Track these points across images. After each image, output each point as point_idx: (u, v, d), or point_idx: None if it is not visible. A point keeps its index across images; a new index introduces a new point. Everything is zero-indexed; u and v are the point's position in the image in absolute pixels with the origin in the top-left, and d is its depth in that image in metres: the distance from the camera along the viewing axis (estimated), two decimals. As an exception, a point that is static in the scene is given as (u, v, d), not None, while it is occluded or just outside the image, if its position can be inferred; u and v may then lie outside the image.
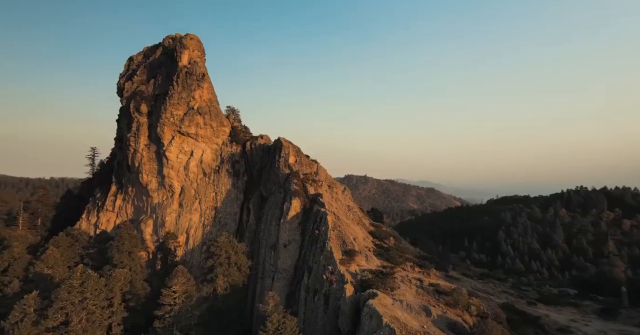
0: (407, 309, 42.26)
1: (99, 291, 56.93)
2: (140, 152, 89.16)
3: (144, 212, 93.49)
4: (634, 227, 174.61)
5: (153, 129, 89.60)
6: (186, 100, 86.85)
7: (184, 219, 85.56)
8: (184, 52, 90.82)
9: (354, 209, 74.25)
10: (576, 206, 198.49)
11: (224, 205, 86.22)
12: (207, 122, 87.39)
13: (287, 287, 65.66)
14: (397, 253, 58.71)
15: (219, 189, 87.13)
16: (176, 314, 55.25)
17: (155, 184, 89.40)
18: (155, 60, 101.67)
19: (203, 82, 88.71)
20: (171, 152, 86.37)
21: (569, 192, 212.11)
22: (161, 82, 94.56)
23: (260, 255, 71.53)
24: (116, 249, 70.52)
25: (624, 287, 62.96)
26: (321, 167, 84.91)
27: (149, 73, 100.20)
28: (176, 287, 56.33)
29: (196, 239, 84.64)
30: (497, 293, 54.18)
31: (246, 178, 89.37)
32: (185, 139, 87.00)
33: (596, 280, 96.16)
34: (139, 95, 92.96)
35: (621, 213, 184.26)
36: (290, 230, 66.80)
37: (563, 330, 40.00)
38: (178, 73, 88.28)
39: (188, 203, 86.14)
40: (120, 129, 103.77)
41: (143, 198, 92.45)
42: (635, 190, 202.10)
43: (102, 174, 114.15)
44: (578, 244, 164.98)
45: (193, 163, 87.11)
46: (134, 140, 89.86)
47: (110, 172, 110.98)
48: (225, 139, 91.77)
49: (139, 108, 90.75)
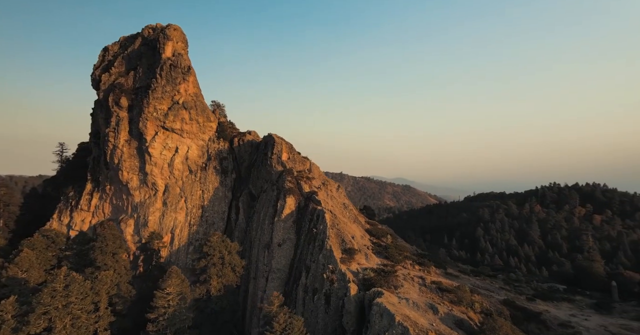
0: (414, 307, 43.38)
1: (84, 295, 55.11)
2: (120, 148, 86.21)
3: (123, 212, 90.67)
4: (604, 222, 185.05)
5: (134, 123, 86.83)
6: (171, 94, 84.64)
7: (168, 219, 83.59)
8: (168, 43, 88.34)
9: (350, 207, 74.95)
10: (550, 202, 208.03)
11: (212, 203, 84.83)
12: (193, 117, 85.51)
13: (281, 287, 65.55)
14: (396, 251, 59.89)
15: (205, 186, 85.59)
16: (170, 316, 54.34)
17: (137, 181, 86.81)
18: (134, 51, 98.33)
19: (188, 76, 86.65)
20: (154, 149, 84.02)
21: (543, 188, 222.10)
22: (142, 74, 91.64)
23: (253, 255, 71.04)
24: (99, 250, 68.09)
25: (614, 281, 66.75)
26: (314, 164, 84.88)
27: (128, 64, 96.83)
28: (170, 288, 55.30)
29: (182, 239, 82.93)
30: (496, 290, 56.38)
31: (234, 175, 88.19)
32: (170, 134, 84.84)
33: (576, 275, 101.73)
34: (118, 88, 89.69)
35: (592, 208, 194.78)
36: (284, 229, 66.68)
37: (565, 326, 42.18)
38: (161, 65, 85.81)
39: (173, 202, 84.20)
40: (95, 123, 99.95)
41: (123, 196, 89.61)
42: (604, 186, 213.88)
43: (70, 171, 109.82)
44: (553, 239, 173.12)
45: (178, 160, 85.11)
46: (113, 136, 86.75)
47: (80, 169, 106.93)
48: (212, 135, 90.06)
49: (118, 102, 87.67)
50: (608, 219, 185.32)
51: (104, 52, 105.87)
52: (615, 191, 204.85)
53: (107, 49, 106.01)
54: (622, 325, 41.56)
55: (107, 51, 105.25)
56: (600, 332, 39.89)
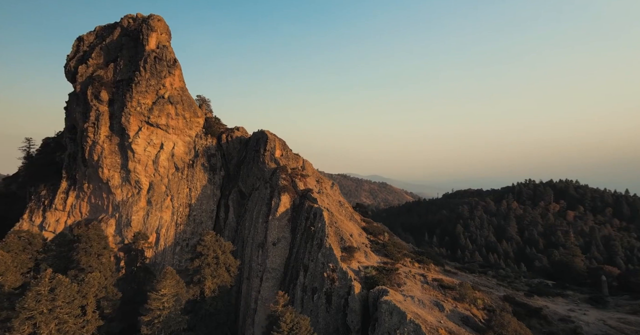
0: (420, 304, 44.38)
1: (71, 298, 53.40)
2: (100, 144, 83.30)
3: (103, 211, 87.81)
4: (577, 217, 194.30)
5: (116, 118, 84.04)
6: (155, 88, 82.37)
7: (153, 218, 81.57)
8: (152, 34, 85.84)
9: (345, 205, 75.45)
10: (526, 199, 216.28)
11: (200, 202, 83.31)
12: (179, 112, 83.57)
13: (276, 287, 65.35)
14: (395, 249, 60.93)
15: (193, 184, 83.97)
16: (165, 318, 53.49)
17: (119, 179, 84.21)
18: (113, 42, 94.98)
19: (174, 69, 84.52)
20: (138, 145, 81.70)
21: (519, 185, 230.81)
22: (123, 66, 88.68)
23: (246, 254, 70.43)
24: (84, 251, 65.78)
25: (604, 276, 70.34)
26: (307, 161, 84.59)
27: (107, 56, 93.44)
28: (165, 290, 54.25)
29: (168, 239, 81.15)
30: (495, 286, 58.40)
31: (223, 173, 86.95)
32: (155, 130, 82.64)
33: (558, 270, 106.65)
34: (98, 80, 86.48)
35: (565, 204, 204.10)
36: (279, 228, 66.42)
37: (565, 321, 44.25)
38: (145, 58, 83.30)
39: (158, 200, 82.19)
40: (71, 117, 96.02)
41: (103, 195, 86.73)
42: (576, 182, 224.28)
43: (35, 169, 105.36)
44: (530, 235, 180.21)
45: (163, 157, 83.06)
46: (92, 131, 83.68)
47: (47, 166, 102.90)
48: (199, 131, 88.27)
49: (98, 95, 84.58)
50: (581, 214, 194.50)
51: (78, 42, 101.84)
52: (587, 187, 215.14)
53: (82, 39, 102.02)
54: (619, 319, 44.07)
55: (82, 41, 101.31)
56: (600, 326, 42.17)
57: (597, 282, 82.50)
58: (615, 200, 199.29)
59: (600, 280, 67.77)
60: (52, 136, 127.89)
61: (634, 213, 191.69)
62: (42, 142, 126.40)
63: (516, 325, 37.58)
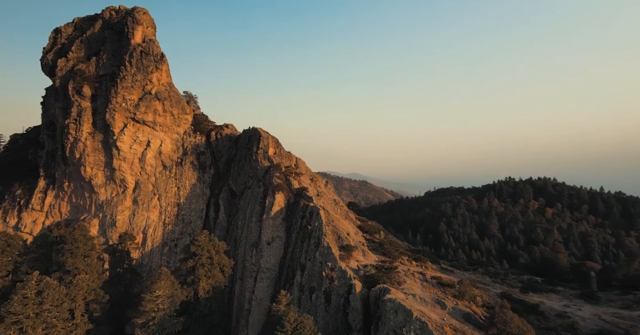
0: (422, 302, 45.34)
1: (60, 301, 52.35)
2: (82, 141, 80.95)
3: (86, 211, 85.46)
4: (555, 214, 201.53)
5: (99, 115, 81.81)
6: (142, 83, 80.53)
7: (139, 218, 79.87)
8: (137, 28, 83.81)
9: (340, 204, 75.83)
10: (507, 196, 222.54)
11: (188, 201, 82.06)
12: (167, 109, 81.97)
13: (271, 287, 65.29)
14: (392, 247, 61.88)
15: (182, 183, 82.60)
16: (160, 321, 52.87)
17: (102, 178, 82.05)
18: (94, 35, 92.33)
19: (161, 64, 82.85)
20: (123, 142, 79.79)
21: (500, 183, 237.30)
22: (106, 61, 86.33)
23: (239, 254, 69.98)
24: (69, 252, 63.97)
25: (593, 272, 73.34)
26: (300, 159, 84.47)
27: (88, 49, 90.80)
28: (159, 291, 53.59)
29: (155, 240, 79.65)
30: (490, 283, 60.15)
31: (213, 171, 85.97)
32: (141, 127, 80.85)
33: (542, 266, 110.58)
34: (79, 75, 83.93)
35: (544, 202, 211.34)
36: (273, 227, 66.26)
37: (562, 316, 46.08)
38: (131, 52, 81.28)
39: (145, 199, 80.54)
40: (48, 113, 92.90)
41: (85, 194, 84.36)
42: (554, 180, 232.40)
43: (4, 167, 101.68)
44: (511, 232, 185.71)
45: (150, 154, 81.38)
46: (74, 128, 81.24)
47: (20, 164, 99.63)
48: (188, 128, 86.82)
49: (80, 90, 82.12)
50: (558, 211, 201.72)
51: (55, 34, 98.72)
52: (564, 185, 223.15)
53: (59, 31, 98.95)
54: (614, 314, 46.26)
55: (60, 33, 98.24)
56: (595, 322, 44.16)
57: (583, 278, 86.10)
58: (591, 197, 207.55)
59: (589, 276, 70.55)
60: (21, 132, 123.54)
61: (609, 210, 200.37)
62: (10, 139, 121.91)
63: (518, 321, 38.96)
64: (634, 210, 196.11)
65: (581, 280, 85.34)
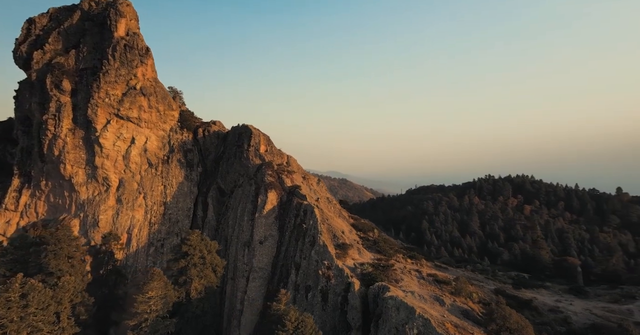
0: (421, 299, 46.35)
1: (45, 304, 50.96)
2: (62, 138, 78.37)
3: (65, 211, 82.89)
4: (533, 211, 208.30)
5: (80, 110, 79.36)
6: (126, 78, 78.48)
7: (124, 217, 78.01)
8: (120, 20, 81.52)
9: (333, 202, 76.31)
10: (487, 194, 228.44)
11: (175, 199, 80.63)
12: (152, 104, 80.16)
13: (264, 286, 65.19)
14: (386, 245, 62.86)
15: (168, 181, 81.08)
16: (153, 322, 52.23)
17: (84, 176, 79.70)
18: (73, 27, 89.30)
19: (147, 58, 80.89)
20: (106, 139, 77.68)
21: (480, 180, 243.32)
22: (87, 54, 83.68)
23: (230, 254, 69.46)
24: (52, 254, 62.04)
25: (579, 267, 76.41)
26: (292, 157, 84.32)
27: (66, 42, 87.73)
28: (152, 292, 52.91)
29: (141, 240, 77.97)
30: (484, 280, 61.99)
31: (200, 169, 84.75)
32: (125, 123, 78.83)
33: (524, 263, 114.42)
34: (58, 68, 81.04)
35: (523, 199, 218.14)
36: (266, 226, 66.06)
37: (554, 311, 48.08)
38: (114, 45, 79.05)
39: (129, 198, 78.71)
40: (22, 108, 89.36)
41: (65, 193, 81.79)
42: (532, 177, 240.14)
43: None
44: (491, 229, 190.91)
45: (135, 152, 79.48)
46: (53, 124, 78.53)
47: None
48: (174, 125, 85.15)
49: (59, 85, 79.36)
50: (536, 208, 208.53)
51: (29, 25, 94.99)
52: (542, 182, 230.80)
53: (34, 21, 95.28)
54: (603, 308, 48.59)
55: (34, 24, 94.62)
56: (587, 316, 46.30)
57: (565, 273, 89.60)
58: (566, 194, 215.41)
59: (575, 271, 73.42)
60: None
61: (583, 206, 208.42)
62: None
63: (517, 317, 40.47)
64: (607, 206, 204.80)
65: (564, 275, 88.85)
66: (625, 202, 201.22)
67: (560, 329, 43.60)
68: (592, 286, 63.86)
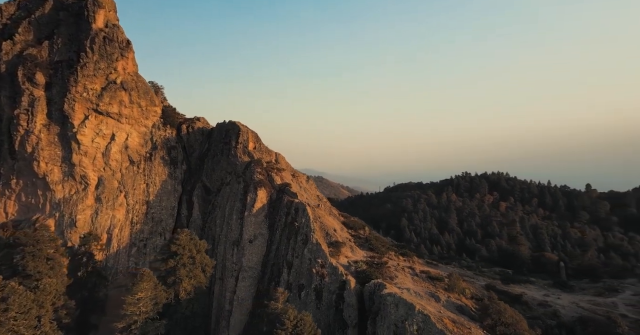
0: (417, 296, 47.56)
1: (27, 308, 49.49)
2: (36, 134, 75.37)
3: (38, 211, 79.86)
4: (508, 208, 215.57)
5: (55, 105, 76.53)
6: (105, 72, 76.14)
7: (103, 217, 75.86)
8: (99, 11, 78.88)
9: (324, 200, 76.79)
10: (464, 191, 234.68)
11: (159, 198, 78.93)
12: (134, 100, 78.08)
13: (253, 286, 64.98)
14: (378, 243, 63.93)
15: (151, 179, 79.25)
16: (142, 324, 51.53)
17: (59, 174, 76.99)
18: (45, 17, 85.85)
19: (127, 51, 78.71)
20: (84, 135, 75.24)
21: (457, 177, 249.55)
22: (62, 46, 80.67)
23: (218, 253, 68.80)
24: (31, 255, 59.90)
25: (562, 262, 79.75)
26: (280, 154, 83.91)
27: (38, 32, 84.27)
28: (142, 293, 52.09)
29: (122, 240, 76.03)
30: (474, 276, 64.05)
31: (185, 167, 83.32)
32: (105, 119, 76.51)
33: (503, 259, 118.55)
34: (31, 60, 77.76)
35: (498, 196, 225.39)
36: (256, 224, 65.84)
37: (543, 305, 50.34)
38: (92, 38, 76.49)
39: (109, 197, 76.56)
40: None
41: (38, 192, 78.78)
42: (507, 174, 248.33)
43: None
44: (468, 226, 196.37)
45: (115, 149, 77.26)
46: (26, 119, 75.40)
47: None
48: (157, 121, 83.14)
49: (32, 78, 76.23)
50: (511, 205, 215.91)
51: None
52: (516, 179, 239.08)
53: (0, 9, 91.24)
54: (590, 301, 51.31)
55: (0, 13, 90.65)
56: (574, 309, 48.81)
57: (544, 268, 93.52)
58: (539, 191, 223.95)
59: (555, 266, 76.76)
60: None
61: (555, 202, 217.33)
62: None
63: (511, 311, 42.31)
64: (577, 202, 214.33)
65: (543, 270, 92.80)
66: (594, 198, 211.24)
67: (550, 322, 45.84)
68: (575, 280, 67.12)
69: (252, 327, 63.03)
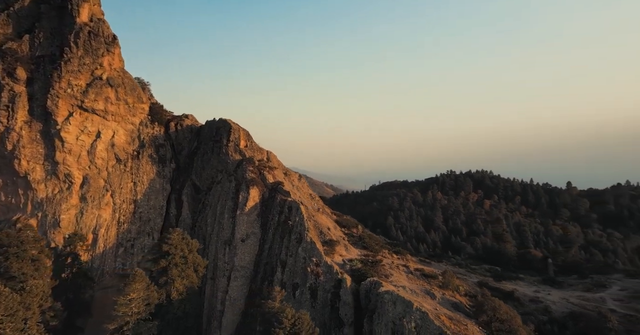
0: (413, 293, 48.43)
1: (13, 310, 48.59)
2: (17, 131, 73.40)
3: (19, 210, 77.89)
4: (492, 206, 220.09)
5: (37, 101, 74.64)
6: (90, 67, 74.63)
7: (89, 217, 74.48)
8: (83, 5, 77.08)
9: (316, 198, 77.02)
10: (449, 189, 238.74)
11: (147, 197, 77.84)
12: (120, 96, 76.77)
13: (246, 286, 64.92)
14: (372, 241, 64.65)
15: (139, 178, 78.08)
16: (135, 325, 51.10)
17: (42, 172, 75.19)
18: (24, 9, 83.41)
19: (113, 47, 77.28)
20: (69, 133, 73.65)
21: (443, 176, 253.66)
22: (43, 40, 78.63)
23: (210, 253, 68.42)
24: (15, 256, 58.50)
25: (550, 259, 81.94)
26: (272, 153, 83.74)
27: (17, 25, 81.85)
28: (134, 294, 51.63)
29: (109, 240, 74.80)
30: (467, 273, 65.41)
31: (174, 165, 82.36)
32: (90, 116, 75.00)
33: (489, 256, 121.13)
34: (11, 55, 75.56)
35: (483, 194, 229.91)
36: (248, 223, 65.71)
37: (535, 302, 51.92)
38: (77, 32, 74.82)
39: (95, 196, 75.18)
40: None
41: (19, 191, 76.78)
42: (491, 173, 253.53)
43: None
44: (454, 224, 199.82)
45: (101, 146, 75.84)
46: (6, 116, 73.25)
47: None
48: (144, 119, 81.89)
49: (13, 73, 74.15)
50: (495, 203, 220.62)
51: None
52: (500, 178, 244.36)
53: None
54: (579, 297, 53.12)
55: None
56: (565, 305, 50.51)
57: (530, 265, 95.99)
58: (522, 189, 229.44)
59: (541, 263, 79.00)
60: None
61: (538, 200, 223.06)
62: None
63: (506, 307, 43.59)
64: (559, 200, 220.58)
65: (529, 267, 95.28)
66: (575, 195, 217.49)
67: (542, 318, 47.40)
68: (562, 276, 69.27)
69: (244, 326, 63.00)
